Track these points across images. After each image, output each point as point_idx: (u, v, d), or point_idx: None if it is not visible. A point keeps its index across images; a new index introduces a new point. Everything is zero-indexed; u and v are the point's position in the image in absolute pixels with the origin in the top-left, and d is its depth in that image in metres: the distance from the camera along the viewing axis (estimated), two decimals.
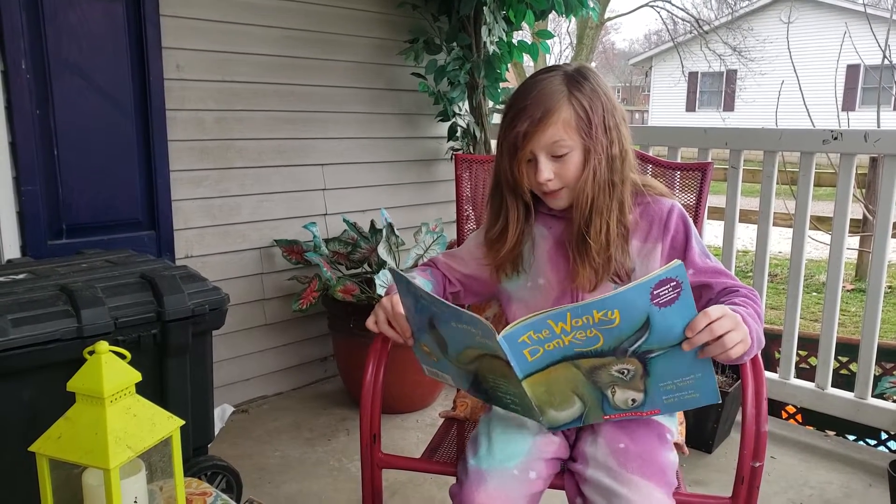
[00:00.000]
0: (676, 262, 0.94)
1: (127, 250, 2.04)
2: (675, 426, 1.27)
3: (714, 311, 0.99)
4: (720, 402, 1.13)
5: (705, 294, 1.22)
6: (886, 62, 4.37)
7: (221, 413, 2.46)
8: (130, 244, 2.21)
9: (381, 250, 2.57)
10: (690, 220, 1.26)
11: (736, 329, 1.00)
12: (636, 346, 1.00)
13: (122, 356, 0.94)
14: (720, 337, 0.99)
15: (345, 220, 2.74)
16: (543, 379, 1.06)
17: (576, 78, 1.18)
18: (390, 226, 2.63)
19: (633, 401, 1.09)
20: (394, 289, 1.25)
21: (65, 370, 1.52)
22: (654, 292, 0.95)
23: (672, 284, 0.95)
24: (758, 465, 1.16)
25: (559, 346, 1.01)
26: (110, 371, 0.91)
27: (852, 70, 14.54)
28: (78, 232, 2.20)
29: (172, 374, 1.73)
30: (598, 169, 1.18)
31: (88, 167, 2.19)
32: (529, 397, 1.07)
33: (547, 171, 1.17)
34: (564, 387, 1.08)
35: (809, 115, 4.20)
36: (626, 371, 1.04)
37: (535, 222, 1.29)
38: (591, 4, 2.98)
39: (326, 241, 2.70)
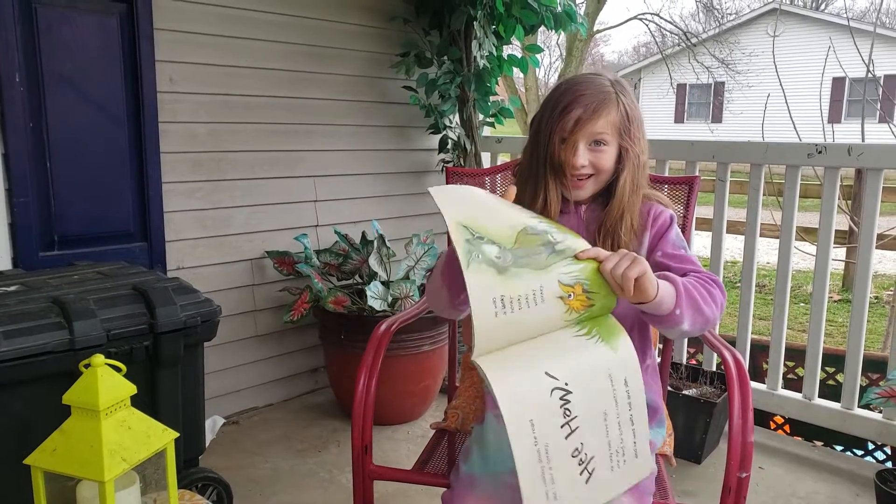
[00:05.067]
0: None
1: (119, 262, 2.05)
2: (660, 438, 1.29)
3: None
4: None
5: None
6: (870, 75, 4.43)
7: (212, 424, 2.45)
8: (122, 256, 2.22)
9: (372, 261, 2.58)
10: (677, 226, 1.32)
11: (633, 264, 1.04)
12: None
13: (118, 369, 0.95)
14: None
15: (336, 232, 2.75)
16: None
17: (621, 85, 1.27)
18: (381, 237, 2.64)
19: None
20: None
21: (56, 382, 1.53)
22: None
23: None
24: (745, 475, 1.18)
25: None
26: (106, 384, 0.92)
27: (838, 82, 14.70)
28: (70, 243, 2.20)
29: (164, 385, 1.73)
30: (634, 169, 1.26)
31: (81, 179, 2.20)
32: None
33: (584, 157, 1.23)
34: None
35: (795, 128, 4.25)
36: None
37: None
38: (580, 20, 3.02)
39: (318, 252, 2.71)
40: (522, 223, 1.06)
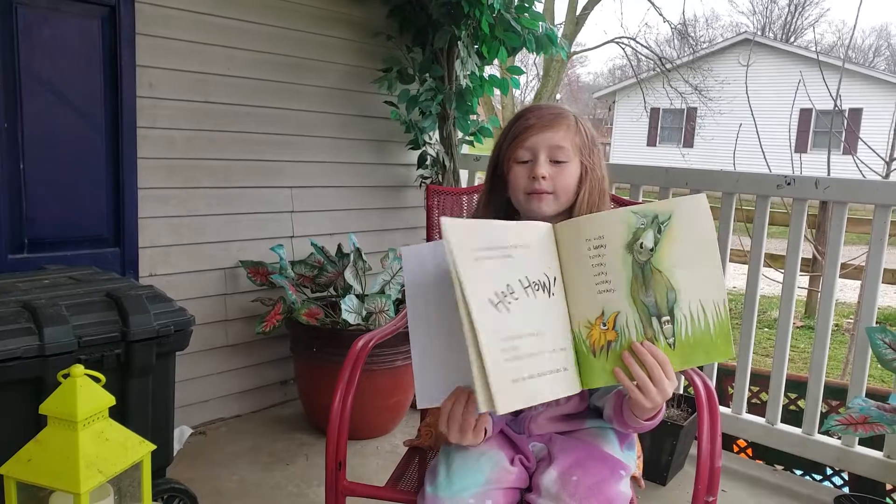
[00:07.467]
0: None
1: (91, 267, 2.02)
2: (633, 461, 1.31)
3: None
4: None
5: None
6: (836, 108, 4.58)
7: (179, 435, 2.42)
8: (94, 261, 2.19)
9: (348, 275, 2.58)
10: None
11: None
12: None
13: (97, 379, 0.94)
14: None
15: (312, 244, 2.74)
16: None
17: (580, 116, 1.31)
18: (358, 250, 2.64)
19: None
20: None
21: (24, 389, 1.50)
22: None
23: None
24: (711, 499, 1.21)
25: None
26: (84, 395, 0.91)
27: (805, 113, 15.11)
28: (40, 247, 2.16)
29: (134, 394, 1.71)
30: (593, 188, 1.27)
31: (55, 182, 2.17)
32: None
33: (545, 167, 1.24)
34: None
35: (765, 157, 4.36)
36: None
37: None
38: (560, 43, 3.07)
39: (293, 263, 2.70)
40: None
